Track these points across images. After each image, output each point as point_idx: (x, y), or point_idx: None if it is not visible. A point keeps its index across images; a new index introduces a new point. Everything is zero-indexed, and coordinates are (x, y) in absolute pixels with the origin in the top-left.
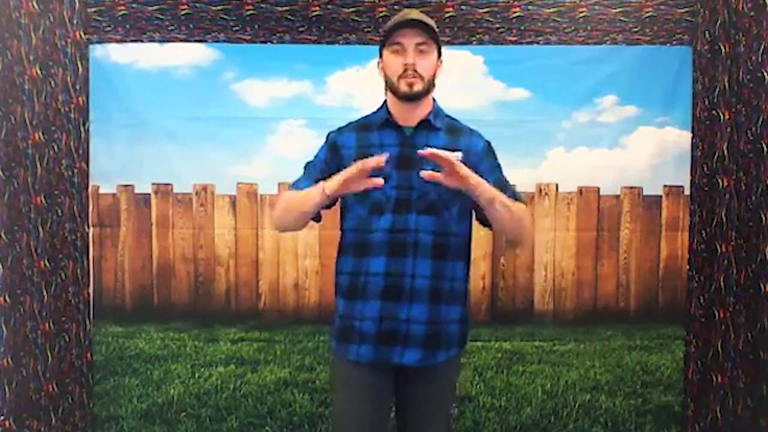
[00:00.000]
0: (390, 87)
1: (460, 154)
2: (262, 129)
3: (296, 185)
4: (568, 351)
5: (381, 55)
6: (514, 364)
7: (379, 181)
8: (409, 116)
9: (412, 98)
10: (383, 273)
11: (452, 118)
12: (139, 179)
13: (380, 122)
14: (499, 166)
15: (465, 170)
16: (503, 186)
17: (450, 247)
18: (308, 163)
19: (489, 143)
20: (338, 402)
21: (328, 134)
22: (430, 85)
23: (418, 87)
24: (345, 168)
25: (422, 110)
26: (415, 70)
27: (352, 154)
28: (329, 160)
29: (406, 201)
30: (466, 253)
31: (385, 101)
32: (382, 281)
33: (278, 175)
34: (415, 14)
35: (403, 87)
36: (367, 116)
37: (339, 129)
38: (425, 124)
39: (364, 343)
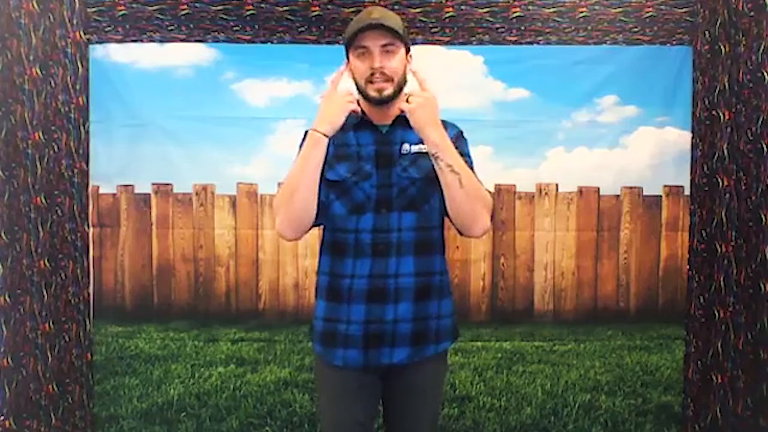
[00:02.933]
0: (359, 91)
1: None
2: (262, 129)
3: None
4: (568, 351)
5: (347, 57)
6: (514, 364)
7: (356, 107)
8: (383, 115)
9: (382, 103)
10: (368, 275)
11: None
12: (139, 179)
13: (355, 122)
14: (468, 154)
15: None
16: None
17: (432, 241)
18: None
19: (461, 132)
20: (326, 407)
21: (306, 132)
22: (401, 85)
23: (388, 91)
24: (326, 163)
25: (396, 107)
26: (383, 73)
27: (330, 151)
28: None
29: (386, 200)
30: (443, 244)
31: (358, 101)
32: (367, 283)
33: (278, 175)
34: (377, 14)
35: (373, 93)
36: None
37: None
38: (400, 121)
39: (350, 348)
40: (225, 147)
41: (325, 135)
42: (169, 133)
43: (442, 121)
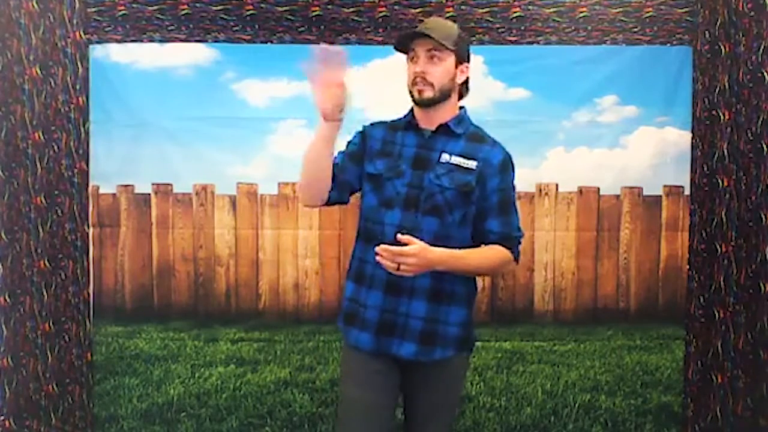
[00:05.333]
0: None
1: (475, 164)
2: (262, 129)
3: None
4: (568, 351)
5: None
6: (514, 364)
7: (338, 48)
8: (429, 120)
9: (423, 105)
10: None
11: (477, 127)
12: (139, 179)
13: (405, 124)
14: (511, 187)
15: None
16: (505, 210)
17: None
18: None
19: (509, 158)
20: (343, 385)
21: (363, 127)
22: (444, 92)
23: (427, 94)
24: (368, 157)
25: (443, 115)
26: (424, 78)
27: (376, 147)
28: (358, 144)
29: (414, 200)
30: None
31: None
32: (386, 274)
33: (278, 175)
34: (430, 24)
35: (415, 94)
36: (397, 119)
37: (373, 123)
38: (444, 129)
39: (364, 331)
40: (225, 147)
41: (322, 116)
42: (169, 133)
43: (493, 142)
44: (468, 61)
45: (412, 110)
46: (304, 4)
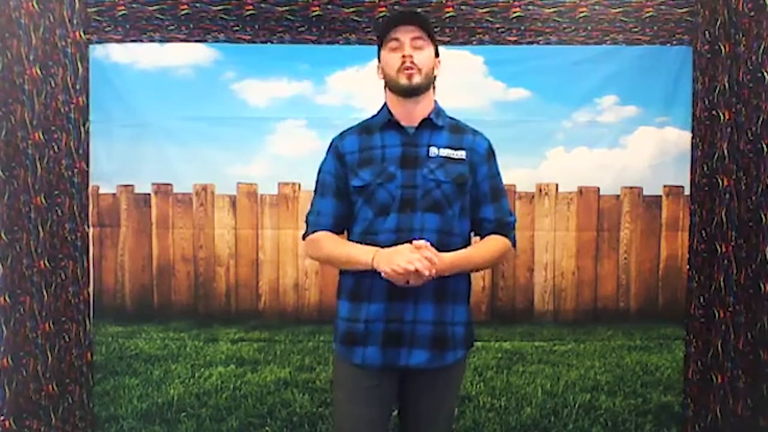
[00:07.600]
0: (389, 84)
1: (463, 153)
2: (262, 129)
3: (318, 210)
4: (568, 351)
5: (379, 58)
6: (514, 364)
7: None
8: (410, 115)
9: (412, 91)
10: None
11: (453, 119)
12: (139, 179)
13: (382, 123)
14: (498, 173)
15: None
16: (496, 196)
17: (453, 247)
18: (318, 179)
19: (491, 145)
20: (340, 404)
21: (332, 141)
22: (429, 80)
23: (417, 79)
24: (351, 172)
25: (423, 109)
26: (413, 62)
27: (355, 158)
28: (338, 170)
29: (410, 200)
30: None
31: (385, 103)
32: (386, 284)
33: (278, 175)
34: (410, 12)
35: (403, 80)
36: (368, 119)
37: (341, 134)
38: (427, 123)
39: (369, 346)
40: (225, 147)
41: (373, 267)
42: (169, 133)
43: (473, 130)
44: (438, 53)
45: (386, 109)
46: (304, 4)
